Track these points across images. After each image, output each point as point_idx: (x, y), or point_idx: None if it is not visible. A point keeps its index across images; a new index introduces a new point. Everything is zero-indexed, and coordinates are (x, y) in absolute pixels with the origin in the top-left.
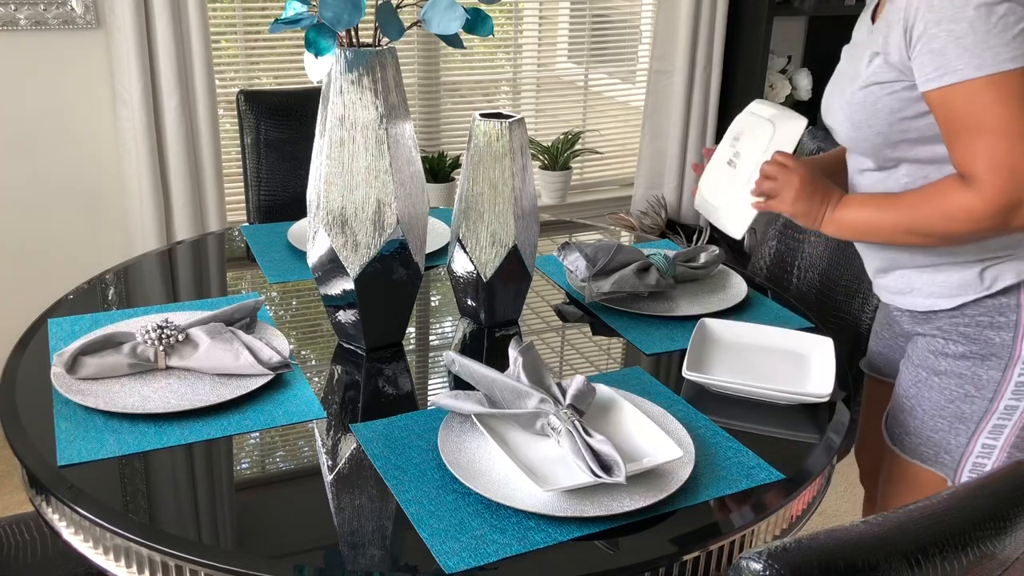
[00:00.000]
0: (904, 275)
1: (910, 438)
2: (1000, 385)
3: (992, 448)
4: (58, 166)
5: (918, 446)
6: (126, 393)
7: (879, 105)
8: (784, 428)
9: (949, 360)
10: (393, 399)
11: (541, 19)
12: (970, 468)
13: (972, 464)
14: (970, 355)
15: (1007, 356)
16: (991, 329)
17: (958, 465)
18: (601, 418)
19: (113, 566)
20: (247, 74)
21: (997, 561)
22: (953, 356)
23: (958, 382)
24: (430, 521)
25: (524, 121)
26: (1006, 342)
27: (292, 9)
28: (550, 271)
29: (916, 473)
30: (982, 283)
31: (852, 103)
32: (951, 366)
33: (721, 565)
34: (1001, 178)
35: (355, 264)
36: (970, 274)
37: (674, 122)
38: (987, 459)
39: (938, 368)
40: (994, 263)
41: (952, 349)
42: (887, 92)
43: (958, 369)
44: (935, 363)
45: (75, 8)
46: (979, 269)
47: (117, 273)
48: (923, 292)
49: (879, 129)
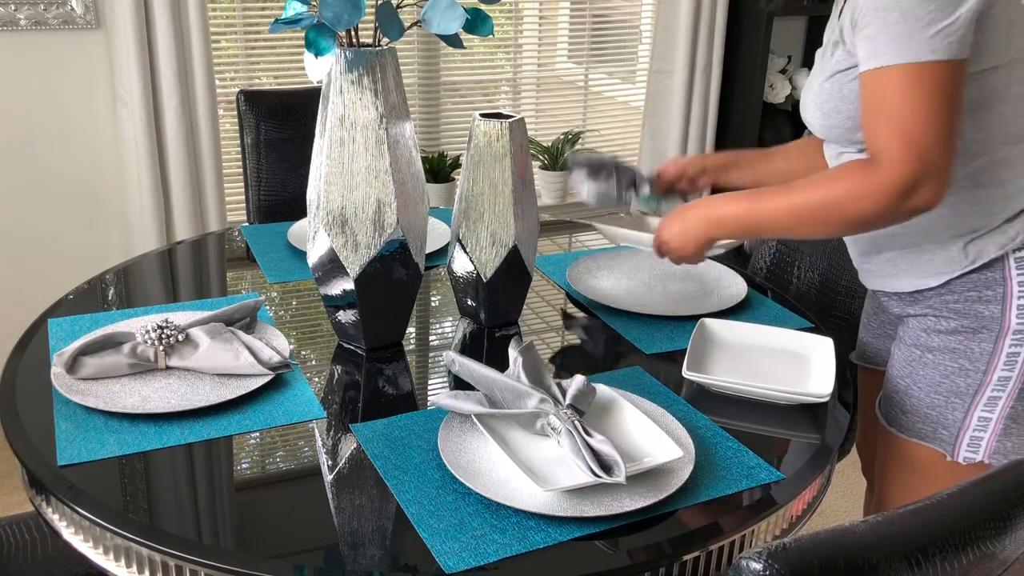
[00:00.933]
0: (889, 258)
1: (907, 417)
2: (992, 357)
3: (988, 420)
4: (58, 166)
5: (915, 424)
6: (126, 393)
7: (844, 91)
8: (784, 428)
9: (941, 336)
10: (393, 399)
11: (541, 19)
12: (968, 442)
13: (969, 438)
14: (961, 330)
15: (997, 328)
16: (980, 303)
17: (956, 439)
18: (601, 418)
19: (113, 566)
20: (247, 74)
21: (997, 561)
22: (945, 332)
23: (951, 356)
24: (430, 521)
25: (524, 121)
26: (995, 314)
27: (292, 9)
28: (550, 271)
29: (914, 451)
30: (967, 258)
31: (821, 94)
32: (943, 342)
33: (721, 565)
34: (909, 153)
35: (355, 264)
36: (954, 250)
37: (674, 122)
38: (983, 431)
39: (931, 345)
40: (976, 237)
41: (944, 325)
42: (850, 78)
43: (950, 344)
44: (927, 340)
45: (75, 8)
46: (962, 244)
47: (117, 273)
48: (909, 273)
49: (848, 113)
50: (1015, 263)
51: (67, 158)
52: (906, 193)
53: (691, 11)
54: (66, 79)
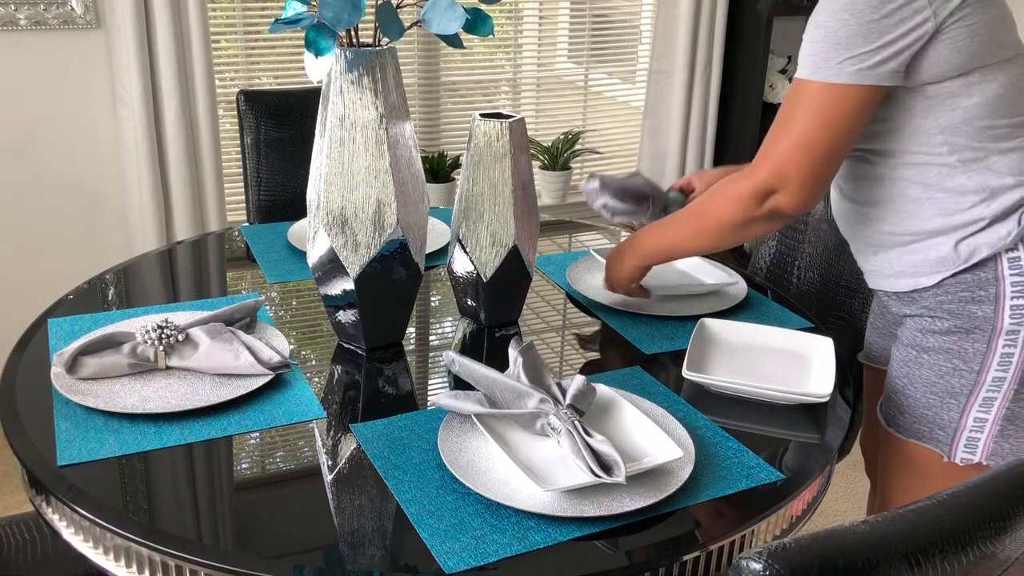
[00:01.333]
0: (887, 257)
1: (904, 417)
2: (986, 357)
3: (984, 422)
4: (58, 166)
5: (912, 424)
6: (126, 393)
7: None
8: (784, 428)
9: (936, 336)
10: (393, 399)
11: (541, 19)
12: (965, 443)
13: (966, 439)
14: (955, 330)
15: (990, 328)
16: (973, 303)
17: (952, 440)
18: (601, 418)
19: (113, 566)
20: (247, 74)
21: (997, 561)
22: (940, 332)
23: (946, 357)
24: (430, 521)
25: (524, 121)
26: (988, 315)
27: (292, 9)
28: (550, 271)
29: (912, 452)
30: (959, 257)
31: None
32: (938, 342)
33: (721, 565)
34: (765, 164)
35: (355, 264)
36: (946, 248)
37: (674, 122)
38: (980, 432)
39: (926, 345)
40: (967, 235)
41: (938, 326)
42: None
43: (945, 344)
44: (923, 341)
45: (75, 8)
46: (953, 243)
47: (117, 273)
48: (906, 272)
49: None
50: (1008, 263)
51: (67, 158)
52: (760, 198)
53: (691, 11)
54: (66, 79)
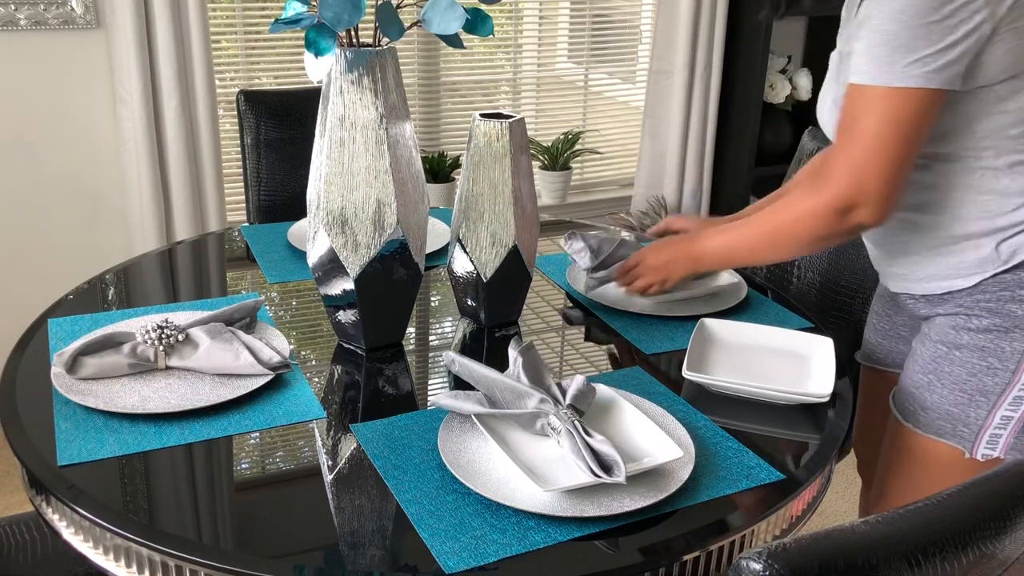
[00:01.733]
0: (917, 261)
1: (927, 413)
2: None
3: (1010, 419)
4: (58, 166)
5: (935, 420)
6: (126, 393)
7: None
8: (784, 428)
9: (972, 334)
10: (393, 399)
11: (541, 19)
12: (987, 440)
13: (989, 436)
14: (993, 328)
15: None
16: (1013, 302)
17: (976, 437)
18: (601, 418)
19: (113, 566)
20: (247, 74)
21: (997, 561)
22: (976, 330)
23: (980, 355)
24: (430, 521)
25: (524, 121)
26: None
27: (292, 9)
28: (550, 271)
29: (930, 448)
30: (999, 258)
31: (839, 101)
32: (973, 340)
33: (721, 565)
34: (846, 178)
35: (355, 264)
36: (986, 250)
37: (674, 122)
38: (1003, 430)
39: (960, 342)
40: (1009, 236)
41: (975, 323)
42: None
43: (980, 342)
44: (956, 337)
45: (75, 8)
46: (994, 244)
47: (117, 273)
48: (939, 275)
49: None
50: None
51: (67, 158)
52: (842, 212)
53: (691, 11)
54: (66, 79)
